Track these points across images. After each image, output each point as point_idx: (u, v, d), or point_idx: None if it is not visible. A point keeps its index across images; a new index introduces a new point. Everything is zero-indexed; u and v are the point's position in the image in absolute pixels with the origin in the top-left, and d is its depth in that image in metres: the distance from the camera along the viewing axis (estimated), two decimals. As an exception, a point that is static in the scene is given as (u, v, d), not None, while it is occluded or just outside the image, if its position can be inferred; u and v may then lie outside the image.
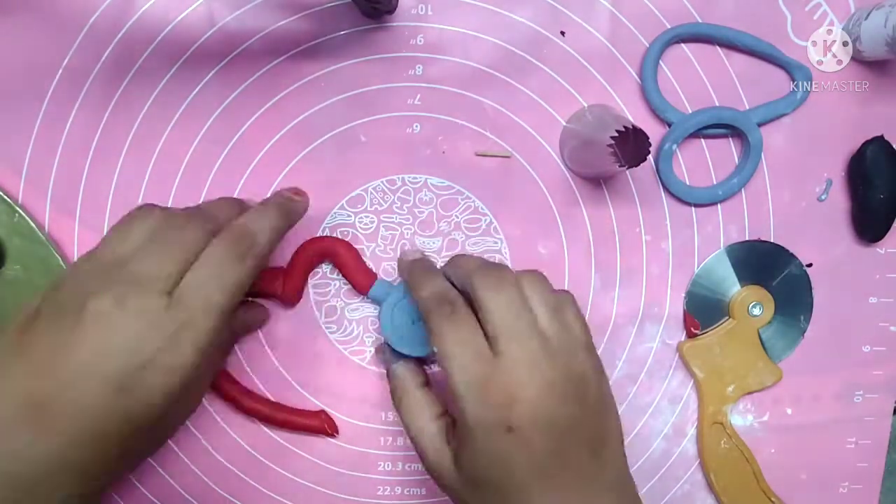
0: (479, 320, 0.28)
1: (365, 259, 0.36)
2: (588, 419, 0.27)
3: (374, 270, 0.36)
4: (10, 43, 0.34)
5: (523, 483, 0.27)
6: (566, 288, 0.37)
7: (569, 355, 0.28)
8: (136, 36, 0.34)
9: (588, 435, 0.27)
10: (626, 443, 0.38)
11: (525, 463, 0.26)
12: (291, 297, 0.35)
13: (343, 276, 0.36)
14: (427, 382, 0.33)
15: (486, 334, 0.27)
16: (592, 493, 0.27)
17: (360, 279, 0.35)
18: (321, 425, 0.36)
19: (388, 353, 0.34)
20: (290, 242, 0.36)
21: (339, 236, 0.36)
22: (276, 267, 0.36)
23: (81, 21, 0.34)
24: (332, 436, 0.37)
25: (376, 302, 0.36)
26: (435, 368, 0.36)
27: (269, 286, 0.35)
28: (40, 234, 0.34)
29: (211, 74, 0.35)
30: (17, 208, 0.34)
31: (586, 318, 0.37)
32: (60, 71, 0.34)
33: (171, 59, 0.34)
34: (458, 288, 0.30)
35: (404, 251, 0.36)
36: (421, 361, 0.34)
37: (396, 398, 0.32)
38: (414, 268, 0.32)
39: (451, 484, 0.29)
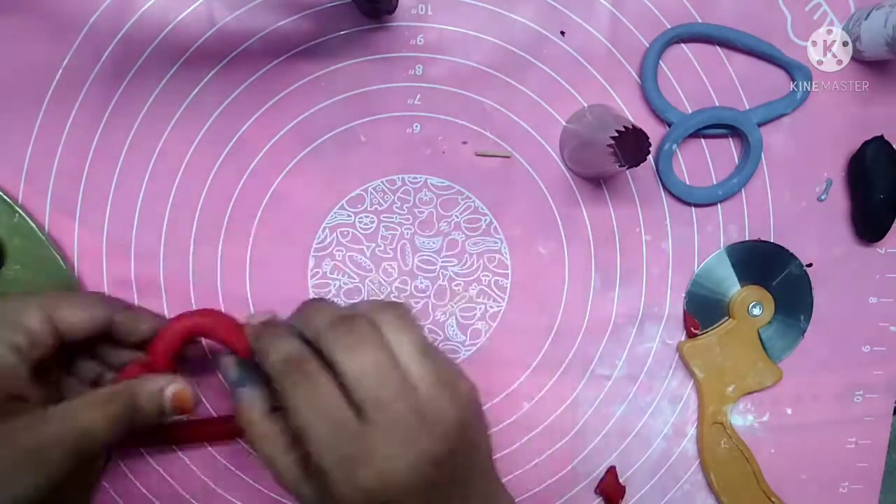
0: (339, 383, 0.25)
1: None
2: (460, 461, 0.26)
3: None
4: (10, 43, 0.34)
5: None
6: (565, 288, 0.37)
7: (440, 401, 0.26)
8: (136, 36, 0.34)
9: (460, 477, 0.26)
10: (626, 443, 0.39)
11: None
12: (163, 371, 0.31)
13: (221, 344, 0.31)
14: (276, 407, 0.29)
15: (349, 397, 0.25)
16: None
17: (238, 345, 0.31)
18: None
19: (232, 371, 0.30)
20: (291, 257, 0.36)
21: (339, 236, 0.36)
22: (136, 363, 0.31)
23: (81, 21, 0.34)
24: None
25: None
26: None
27: (135, 373, 0.30)
28: (40, 234, 0.34)
29: (211, 74, 0.35)
30: (18, 208, 0.34)
31: (586, 317, 0.38)
32: (60, 71, 0.34)
33: (171, 59, 0.34)
34: (313, 345, 0.27)
35: (251, 314, 0.31)
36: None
37: (243, 425, 0.29)
38: (261, 332, 0.29)
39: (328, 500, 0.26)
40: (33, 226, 0.34)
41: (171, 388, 0.29)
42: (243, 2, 0.34)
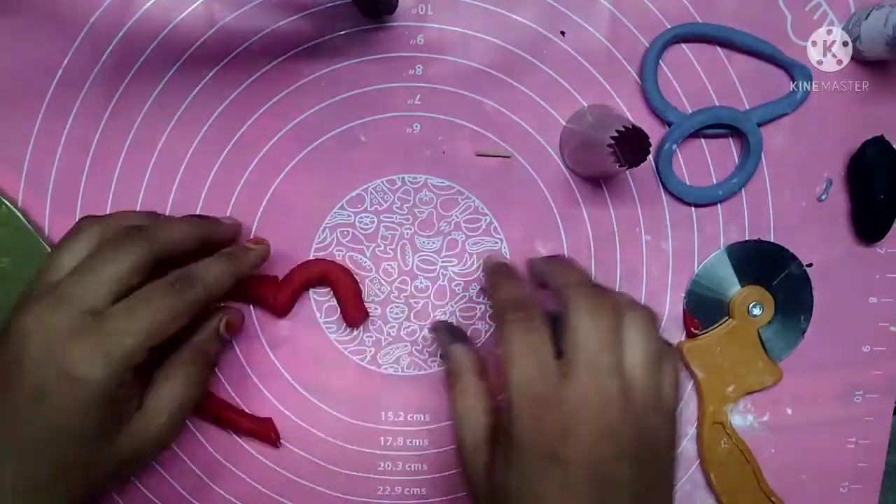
0: (559, 337, 0.26)
1: (363, 288, 0.36)
2: (640, 486, 0.25)
3: (366, 309, 0.36)
4: (10, 43, 0.34)
5: None
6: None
7: (647, 414, 0.25)
8: (136, 36, 0.34)
9: (634, 501, 0.25)
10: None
11: (559, 500, 0.25)
12: (281, 310, 0.36)
13: (338, 303, 0.36)
14: (484, 371, 0.31)
15: (562, 354, 0.26)
16: None
17: (352, 313, 0.36)
18: (267, 432, 0.36)
19: (444, 332, 0.33)
20: (291, 258, 0.36)
21: (339, 236, 0.36)
22: (271, 276, 0.36)
23: (81, 21, 0.34)
24: (275, 445, 0.36)
25: None
26: None
27: (263, 294, 0.35)
28: (27, 224, 0.34)
29: (211, 74, 0.35)
30: (2, 200, 0.34)
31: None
32: (60, 71, 0.34)
33: (171, 59, 0.34)
34: (548, 290, 0.28)
35: (490, 254, 0.36)
36: None
37: (450, 380, 0.30)
38: (497, 269, 0.31)
39: (477, 483, 0.27)
40: (19, 215, 0.34)
41: (224, 320, 0.33)
42: (243, 2, 0.34)
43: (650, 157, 0.35)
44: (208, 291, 0.30)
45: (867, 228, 0.38)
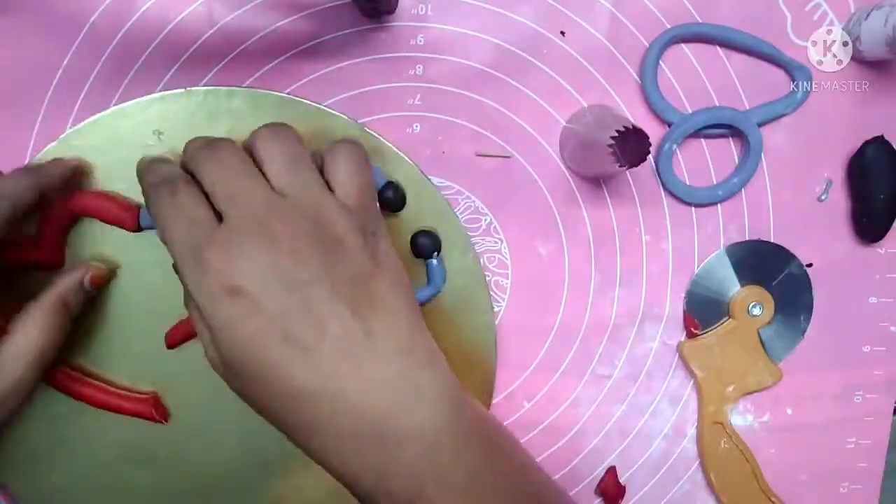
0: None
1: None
2: (342, 278, 0.25)
3: (134, 203, 0.33)
4: (10, 43, 0.34)
5: (268, 357, 0.24)
6: (565, 288, 0.37)
7: (312, 211, 0.25)
8: (136, 36, 0.34)
9: (345, 295, 0.24)
10: (626, 443, 0.39)
11: (262, 328, 0.24)
12: (51, 260, 0.33)
13: (108, 223, 0.33)
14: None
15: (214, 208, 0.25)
16: (366, 360, 0.24)
17: (122, 216, 0.32)
18: (148, 410, 0.34)
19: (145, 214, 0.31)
20: None
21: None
22: (26, 236, 0.33)
23: (81, 21, 0.34)
24: (161, 422, 0.35)
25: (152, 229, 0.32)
26: None
27: (23, 253, 0.32)
28: None
29: (211, 74, 0.35)
30: None
31: (586, 317, 0.38)
32: (60, 71, 0.34)
33: (171, 59, 0.34)
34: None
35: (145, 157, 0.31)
36: None
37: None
38: (144, 160, 0.30)
39: (224, 377, 0.26)
40: None
41: (89, 274, 0.31)
42: (243, 2, 0.34)
43: (650, 157, 0.35)
44: (10, 204, 0.28)
45: (867, 228, 0.38)
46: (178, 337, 0.34)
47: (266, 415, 0.26)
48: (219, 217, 0.25)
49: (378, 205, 0.29)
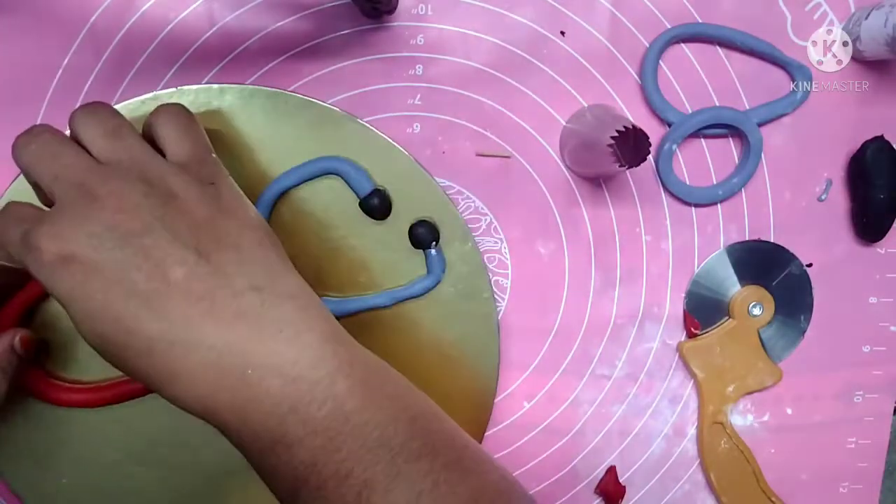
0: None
1: None
2: (180, 226, 0.24)
3: None
4: (10, 43, 0.34)
5: (118, 314, 0.23)
6: (565, 288, 0.37)
7: (138, 173, 0.25)
8: (136, 36, 0.34)
9: (185, 239, 0.24)
10: (626, 443, 0.39)
11: (103, 287, 0.23)
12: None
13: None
14: None
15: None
16: (218, 298, 0.24)
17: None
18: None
19: None
20: None
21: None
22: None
23: (81, 21, 0.34)
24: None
25: None
26: None
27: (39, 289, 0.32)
28: None
29: (211, 74, 0.35)
30: None
31: (586, 317, 0.38)
32: (60, 71, 0.34)
33: (171, 59, 0.34)
34: None
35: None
36: None
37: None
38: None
39: (98, 351, 0.25)
40: None
41: (17, 337, 0.30)
42: (243, 2, 0.34)
43: (650, 157, 0.35)
44: None
45: (867, 228, 0.38)
46: None
47: (134, 375, 0.25)
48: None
49: (215, 156, 0.28)
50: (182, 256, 0.24)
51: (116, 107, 0.32)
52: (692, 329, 0.38)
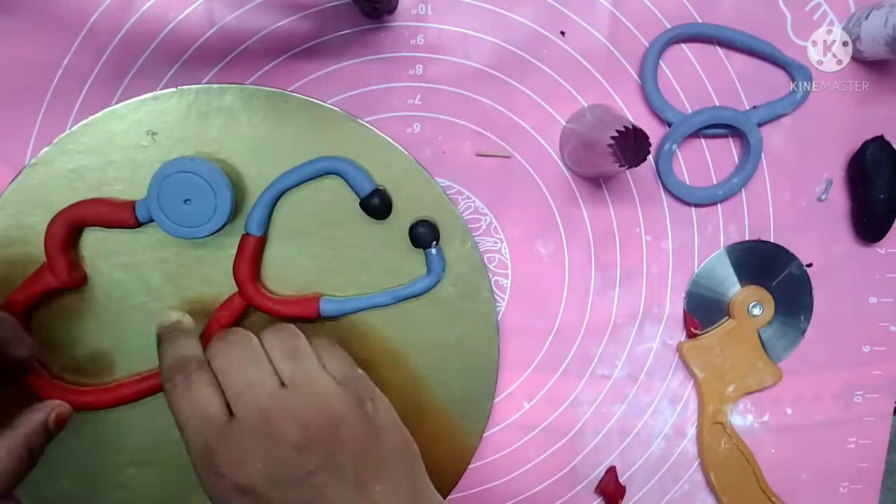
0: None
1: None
2: (347, 456, 0.26)
3: (128, 201, 0.32)
4: (11, 42, 0.34)
5: None
6: (565, 288, 0.37)
7: (313, 398, 0.27)
8: (136, 36, 0.34)
9: (350, 473, 0.26)
10: (626, 443, 0.39)
11: None
12: (69, 283, 0.32)
13: (109, 227, 0.33)
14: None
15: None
16: None
17: (121, 217, 0.32)
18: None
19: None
20: None
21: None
22: (38, 269, 0.32)
23: (81, 21, 0.34)
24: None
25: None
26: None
27: (41, 286, 0.32)
28: None
29: (211, 74, 0.35)
30: None
31: (586, 317, 0.38)
32: (60, 71, 0.34)
33: (171, 59, 0.34)
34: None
35: (163, 316, 0.32)
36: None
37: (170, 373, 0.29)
38: (163, 333, 0.31)
39: None
40: None
41: (53, 414, 0.30)
42: (243, 2, 0.34)
43: (650, 157, 0.35)
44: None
45: (867, 228, 0.38)
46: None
47: None
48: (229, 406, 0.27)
49: (364, 373, 0.30)
50: (345, 494, 0.26)
51: (116, 107, 0.32)
52: (692, 329, 0.38)
